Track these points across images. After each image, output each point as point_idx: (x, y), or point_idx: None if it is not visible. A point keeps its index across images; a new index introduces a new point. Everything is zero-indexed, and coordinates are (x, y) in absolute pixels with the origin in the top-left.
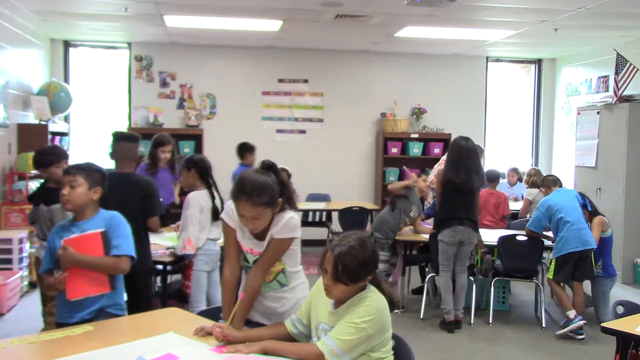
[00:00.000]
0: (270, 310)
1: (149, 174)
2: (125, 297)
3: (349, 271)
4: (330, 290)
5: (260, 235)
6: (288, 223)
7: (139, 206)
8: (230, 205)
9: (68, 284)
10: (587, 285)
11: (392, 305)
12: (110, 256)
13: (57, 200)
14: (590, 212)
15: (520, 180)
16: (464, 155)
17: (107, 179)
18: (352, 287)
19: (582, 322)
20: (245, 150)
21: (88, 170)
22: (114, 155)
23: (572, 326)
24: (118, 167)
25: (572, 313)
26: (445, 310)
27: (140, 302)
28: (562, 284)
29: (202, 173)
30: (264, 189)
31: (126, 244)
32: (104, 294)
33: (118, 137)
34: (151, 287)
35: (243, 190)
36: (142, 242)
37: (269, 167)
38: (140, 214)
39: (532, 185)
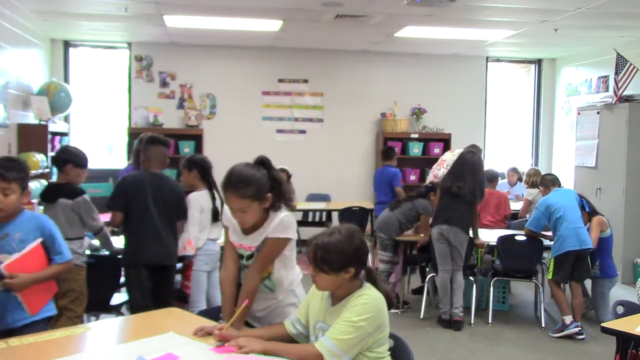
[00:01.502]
0: (251, 312)
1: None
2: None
3: (326, 259)
4: (315, 280)
5: (246, 230)
6: (281, 222)
7: (175, 207)
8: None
9: (27, 302)
10: (589, 286)
11: (390, 304)
12: (56, 264)
13: (79, 193)
14: (589, 212)
15: (520, 180)
16: (467, 168)
17: (146, 178)
18: (335, 278)
19: (577, 329)
20: (393, 152)
21: (22, 174)
22: (144, 157)
23: (566, 332)
24: (146, 167)
25: (568, 319)
26: (442, 311)
27: (166, 294)
28: (562, 285)
29: (204, 173)
30: (250, 181)
31: (65, 249)
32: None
33: (151, 140)
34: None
35: (229, 181)
36: (174, 239)
37: (261, 162)
38: (174, 214)
39: (531, 185)
